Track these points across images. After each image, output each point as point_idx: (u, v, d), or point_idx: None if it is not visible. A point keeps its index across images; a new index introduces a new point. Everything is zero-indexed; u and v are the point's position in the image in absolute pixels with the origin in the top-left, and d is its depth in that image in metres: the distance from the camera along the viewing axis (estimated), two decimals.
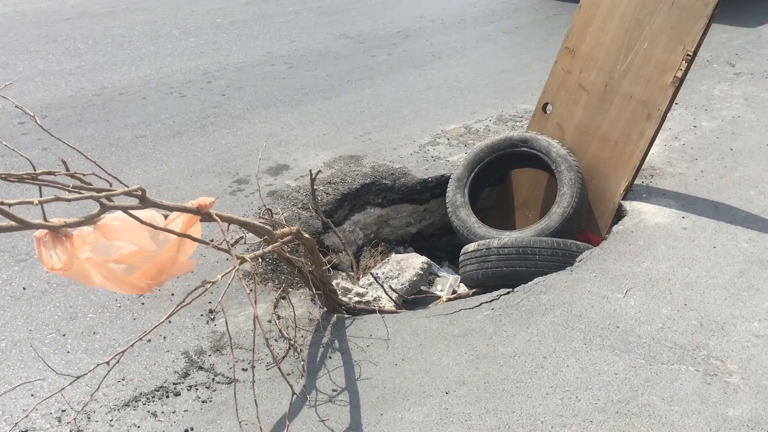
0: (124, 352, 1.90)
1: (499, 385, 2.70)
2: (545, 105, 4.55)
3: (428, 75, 6.56)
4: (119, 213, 1.94)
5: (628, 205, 4.02)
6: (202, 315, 3.15)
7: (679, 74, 3.85)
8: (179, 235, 1.87)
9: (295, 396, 2.53)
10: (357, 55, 7.22)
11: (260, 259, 3.43)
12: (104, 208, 1.69)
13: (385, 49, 7.40)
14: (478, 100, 5.90)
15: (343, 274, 3.95)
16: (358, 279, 3.91)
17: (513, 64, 6.83)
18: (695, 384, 2.68)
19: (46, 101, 5.87)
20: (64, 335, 3.03)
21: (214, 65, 6.87)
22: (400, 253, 4.38)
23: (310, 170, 3.87)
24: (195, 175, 4.53)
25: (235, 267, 2.00)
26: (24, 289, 3.37)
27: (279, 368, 2.29)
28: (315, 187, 3.99)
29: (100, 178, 1.88)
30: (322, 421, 2.54)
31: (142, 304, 3.23)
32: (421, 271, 3.89)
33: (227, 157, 4.77)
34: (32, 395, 2.66)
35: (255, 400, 2.35)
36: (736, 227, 3.77)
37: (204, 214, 1.93)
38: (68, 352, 2.92)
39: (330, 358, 2.89)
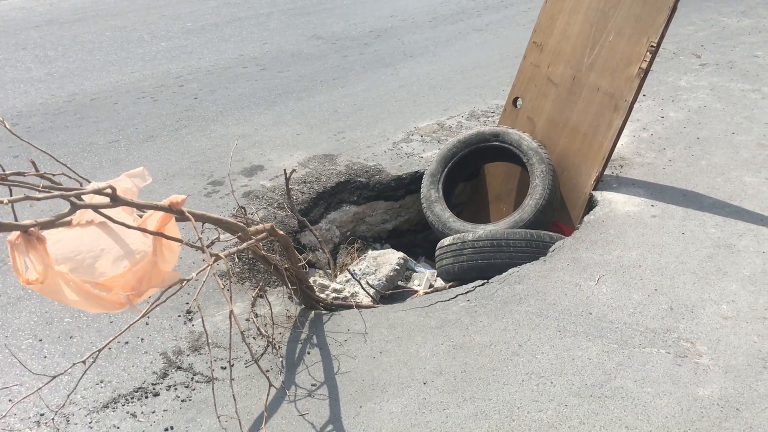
0: (100, 350, 1.91)
1: (475, 373, 2.74)
2: (515, 99, 4.61)
3: (400, 73, 6.60)
4: (94, 216, 1.95)
5: (598, 195, 4.09)
6: (179, 316, 3.15)
7: (644, 65, 3.92)
8: (152, 233, 1.89)
9: (272, 388, 2.55)
10: (329, 55, 7.24)
11: (237, 259, 3.44)
12: (75, 207, 1.70)
13: (357, 48, 7.43)
14: (451, 96, 5.96)
15: (321, 271, 3.98)
16: (336, 276, 3.94)
17: (484, 61, 6.90)
18: (666, 366, 2.74)
19: (17, 109, 5.82)
20: (40, 340, 3.02)
21: (186, 69, 6.85)
22: (376, 249, 4.42)
23: (285, 170, 3.88)
24: (169, 178, 4.52)
25: (209, 264, 2.02)
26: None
27: (257, 364, 2.31)
28: (290, 186, 4.02)
29: (70, 178, 1.89)
30: (302, 415, 2.56)
31: None
32: (397, 267, 3.92)
33: (201, 160, 4.77)
34: (10, 400, 2.65)
35: (233, 396, 2.37)
36: (704, 213, 3.85)
37: (176, 212, 1.95)
38: (45, 357, 2.91)
39: (308, 353, 2.92)
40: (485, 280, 3.40)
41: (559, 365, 2.77)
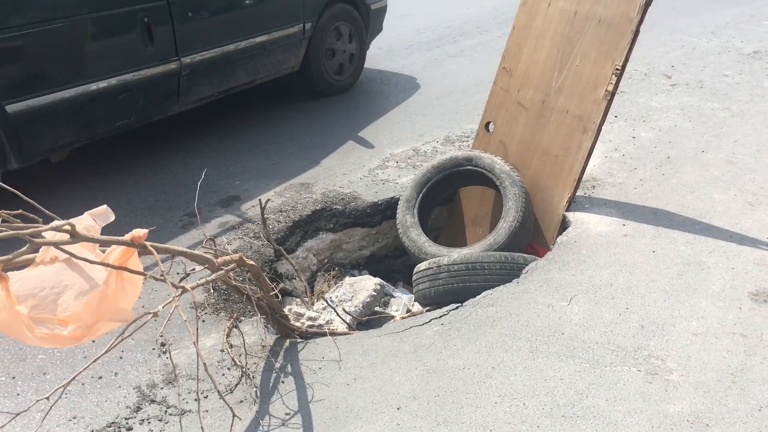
0: (65, 386, 1.92)
1: (449, 397, 2.76)
2: (488, 124, 4.68)
3: (377, 101, 6.67)
4: (58, 253, 1.97)
5: (571, 216, 4.14)
6: (153, 349, 3.15)
7: (610, 87, 4.00)
8: (115, 267, 1.90)
9: (238, 420, 2.56)
10: (306, 84, 7.30)
11: (211, 290, 3.45)
12: (33, 245, 1.72)
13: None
14: (426, 122, 6.03)
15: (297, 300, 3.99)
16: (313, 304, 3.95)
17: (459, 86, 6.99)
18: (637, 384, 2.77)
19: None
20: (13, 378, 3.00)
21: None
22: (354, 276, 4.43)
23: (260, 200, 3.91)
24: (145, 210, 4.53)
25: (174, 297, 2.04)
26: None
27: (222, 398, 2.32)
28: (266, 215, 4.03)
29: (30, 215, 1.90)
30: None
31: (93, 341, 3.22)
32: (374, 293, 3.94)
33: (178, 192, 4.79)
34: None
35: (202, 428, 2.37)
36: (674, 231, 3.91)
37: (139, 246, 1.97)
38: (18, 395, 2.90)
39: (283, 382, 2.92)
40: (459, 304, 3.43)
41: (532, 386, 2.79)
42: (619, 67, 3.96)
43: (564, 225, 4.14)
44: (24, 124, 4.12)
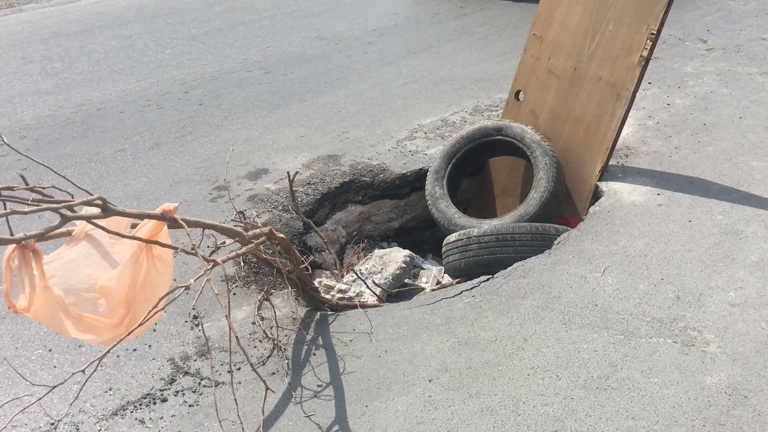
0: (100, 360, 1.93)
1: (481, 369, 2.74)
2: (517, 92, 4.59)
3: (404, 71, 6.60)
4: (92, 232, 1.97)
5: (604, 185, 4.06)
6: (186, 321, 3.17)
7: (645, 53, 3.89)
8: (146, 241, 1.90)
9: (271, 393, 2.57)
10: (333, 55, 7.25)
11: (241, 263, 3.46)
12: (65, 220, 1.71)
13: (361, 48, 7.43)
14: (454, 92, 5.95)
15: (327, 272, 3.99)
16: (342, 277, 3.95)
17: (487, 55, 6.88)
18: (673, 355, 2.73)
19: (25, 122, 5.88)
20: (50, 350, 3.05)
21: (191, 75, 6.89)
22: (383, 248, 4.41)
23: (288, 172, 3.90)
24: (175, 184, 4.55)
25: (206, 270, 2.04)
26: (9, 308, 3.38)
27: (255, 370, 2.32)
28: (294, 188, 4.03)
29: (60, 190, 1.90)
30: (308, 416, 2.58)
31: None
32: (404, 265, 3.92)
33: (206, 165, 4.80)
34: (22, 412, 2.68)
35: (235, 400, 2.39)
36: (711, 200, 3.82)
37: (169, 220, 1.96)
38: (55, 367, 2.95)
39: (314, 354, 2.93)
40: (490, 276, 3.39)
41: (565, 358, 2.76)
42: (655, 32, 3.85)
43: (596, 195, 4.06)
44: None
